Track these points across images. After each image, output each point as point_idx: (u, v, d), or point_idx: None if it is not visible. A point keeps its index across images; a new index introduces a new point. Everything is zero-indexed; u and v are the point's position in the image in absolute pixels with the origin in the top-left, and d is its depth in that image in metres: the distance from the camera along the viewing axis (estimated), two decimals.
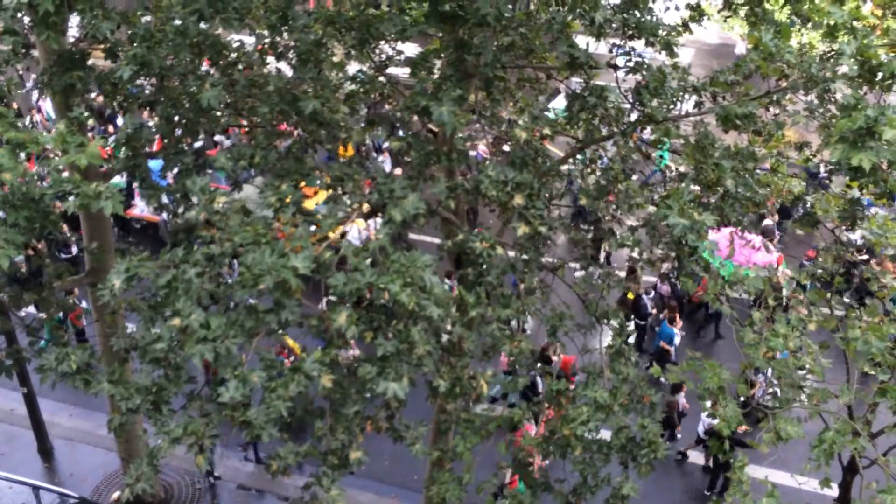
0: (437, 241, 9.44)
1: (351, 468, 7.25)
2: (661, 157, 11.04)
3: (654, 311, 16.57)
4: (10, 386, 15.16)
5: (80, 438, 15.28)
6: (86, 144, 6.93)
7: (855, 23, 8.09)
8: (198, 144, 13.45)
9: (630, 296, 15.59)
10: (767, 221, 18.09)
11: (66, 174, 7.58)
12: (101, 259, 11.23)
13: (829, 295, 9.74)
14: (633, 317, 16.29)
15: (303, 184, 7.99)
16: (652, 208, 9.45)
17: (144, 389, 6.81)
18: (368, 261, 6.51)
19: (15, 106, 21.21)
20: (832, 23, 8.10)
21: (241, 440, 6.63)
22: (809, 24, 9.50)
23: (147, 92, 9.72)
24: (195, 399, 7.24)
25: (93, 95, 16.96)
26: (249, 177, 9.35)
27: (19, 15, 8.77)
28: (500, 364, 13.68)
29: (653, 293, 16.69)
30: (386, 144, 19.34)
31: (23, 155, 7.01)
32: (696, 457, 14.93)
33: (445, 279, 14.88)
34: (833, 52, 8.70)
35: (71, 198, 6.96)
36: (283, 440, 6.98)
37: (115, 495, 13.96)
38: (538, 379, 13.88)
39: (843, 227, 10.22)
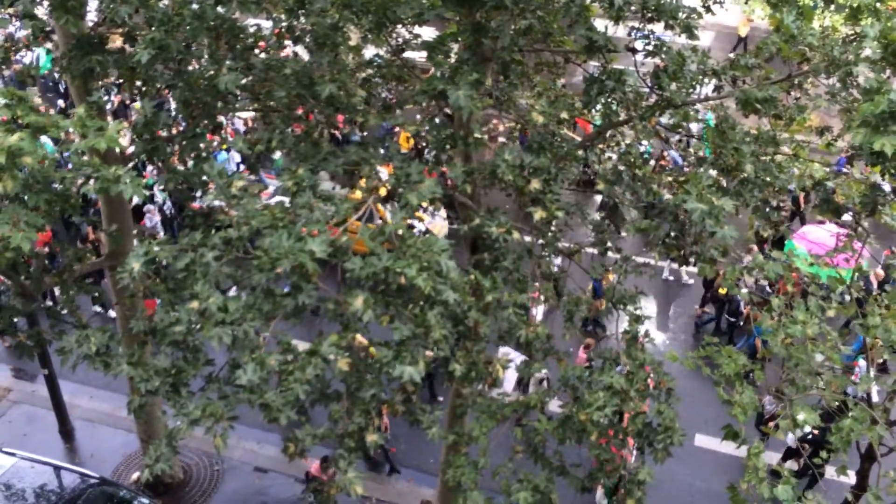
0: None
1: (367, 451, 7.31)
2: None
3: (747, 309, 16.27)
4: (32, 368, 15.41)
5: (100, 420, 15.49)
6: (105, 128, 6.98)
7: (879, 5, 7.96)
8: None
9: (722, 291, 15.32)
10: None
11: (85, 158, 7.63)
12: (120, 242, 11.32)
13: (848, 282, 9.64)
14: (724, 314, 16.38)
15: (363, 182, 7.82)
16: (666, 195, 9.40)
17: (163, 371, 6.88)
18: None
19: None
20: (855, 5, 7.98)
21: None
22: (832, 7, 9.34)
23: (165, 76, 9.75)
24: (213, 381, 7.31)
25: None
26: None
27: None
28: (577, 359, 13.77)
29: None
30: None
31: (43, 139, 7.06)
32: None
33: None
34: (856, 35, 8.57)
35: (90, 181, 7.02)
36: (300, 423, 7.04)
37: (135, 476, 14.16)
38: None
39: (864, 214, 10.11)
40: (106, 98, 9.24)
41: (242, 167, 19.84)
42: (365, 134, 16.76)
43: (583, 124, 14.67)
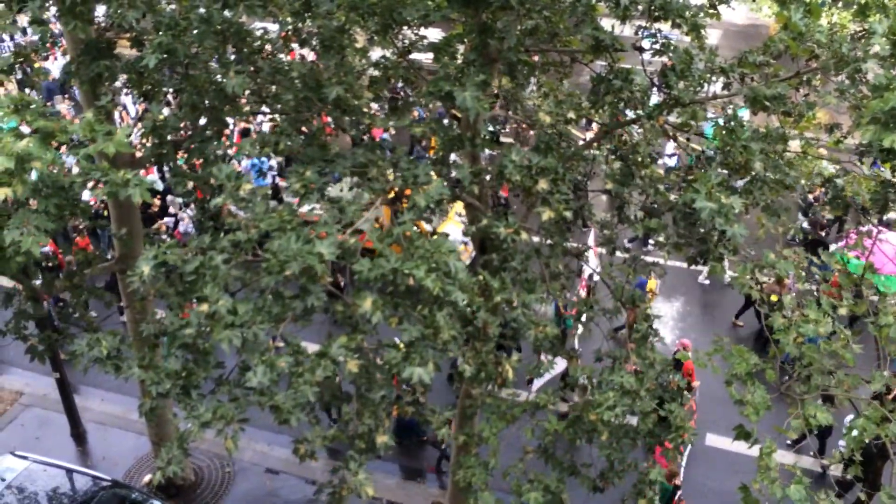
0: None
1: (378, 452, 7.31)
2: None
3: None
4: (43, 371, 15.46)
5: (111, 422, 15.57)
6: (113, 133, 7.02)
7: (886, 1, 7.91)
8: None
9: (774, 298, 15.27)
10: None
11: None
12: (129, 246, 11.37)
13: (860, 279, 9.58)
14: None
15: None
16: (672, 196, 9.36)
17: (174, 374, 6.91)
18: None
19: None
20: (863, 1, 7.92)
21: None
22: (840, 3, 9.29)
23: (172, 80, 9.79)
24: (224, 384, 7.33)
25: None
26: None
27: (47, 5, 8.88)
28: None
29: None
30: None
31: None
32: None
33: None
34: (864, 32, 8.52)
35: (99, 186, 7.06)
36: (310, 424, 7.05)
37: (147, 478, 14.21)
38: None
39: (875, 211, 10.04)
40: (126, 106, 9.25)
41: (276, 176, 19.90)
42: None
43: None
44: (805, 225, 18.42)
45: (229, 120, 10.17)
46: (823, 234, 18.52)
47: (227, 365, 7.41)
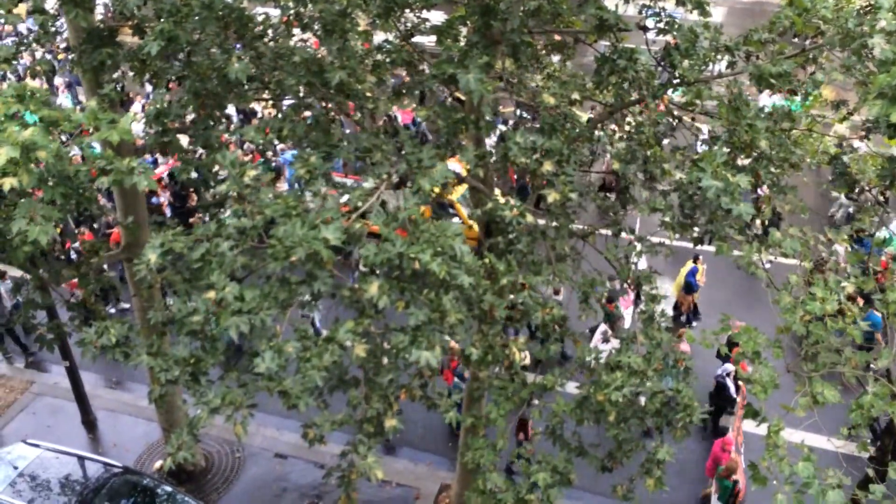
0: None
1: (386, 436, 7.35)
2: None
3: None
4: (53, 360, 15.59)
5: (121, 410, 15.69)
6: (117, 121, 7.01)
7: None
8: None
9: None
10: None
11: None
12: (136, 234, 11.39)
13: (867, 257, 9.56)
14: None
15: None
16: (679, 175, 9.30)
17: (182, 361, 6.94)
18: None
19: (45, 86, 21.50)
20: None
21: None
22: None
23: (175, 67, 9.77)
24: (232, 370, 7.36)
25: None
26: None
27: None
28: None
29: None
30: None
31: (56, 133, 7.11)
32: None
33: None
34: (870, 7, 8.43)
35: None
36: (319, 409, 7.08)
37: (158, 464, 14.34)
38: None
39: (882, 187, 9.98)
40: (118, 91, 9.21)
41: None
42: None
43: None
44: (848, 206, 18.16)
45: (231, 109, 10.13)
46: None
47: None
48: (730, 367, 13.90)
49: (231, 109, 18.03)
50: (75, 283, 10.63)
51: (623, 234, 10.14)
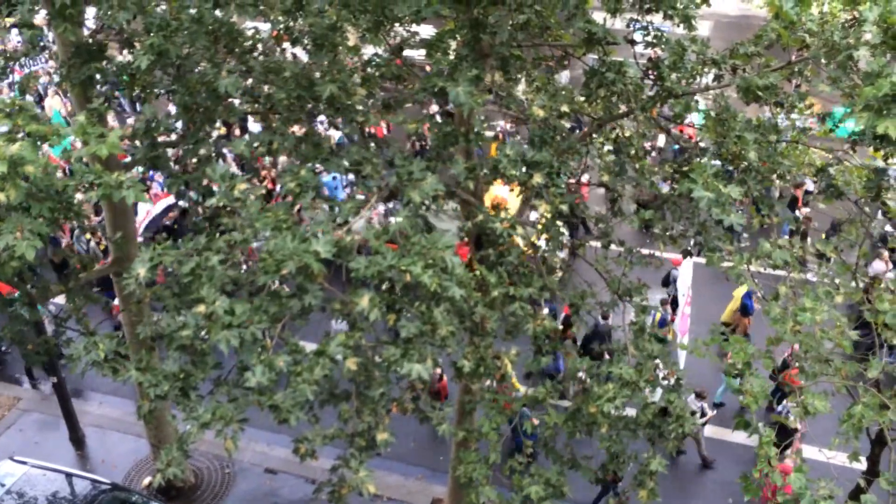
0: None
1: (378, 450, 7.31)
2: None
3: None
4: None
5: (110, 426, 15.54)
6: (106, 135, 6.98)
7: None
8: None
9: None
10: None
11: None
12: (124, 248, 11.34)
13: (854, 267, 9.61)
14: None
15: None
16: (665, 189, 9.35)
17: (172, 376, 6.89)
18: None
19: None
20: None
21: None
22: None
23: (164, 81, 9.76)
24: (222, 384, 7.31)
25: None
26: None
27: (36, 8, 8.84)
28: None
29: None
30: None
31: (45, 147, 7.08)
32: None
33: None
34: (855, 20, 8.53)
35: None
36: (310, 423, 7.03)
37: (147, 481, 14.20)
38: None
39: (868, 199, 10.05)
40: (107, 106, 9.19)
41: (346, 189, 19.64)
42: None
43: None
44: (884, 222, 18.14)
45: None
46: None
47: (225, 366, 7.40)
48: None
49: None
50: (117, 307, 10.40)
51: (612, 246, 10.17)
